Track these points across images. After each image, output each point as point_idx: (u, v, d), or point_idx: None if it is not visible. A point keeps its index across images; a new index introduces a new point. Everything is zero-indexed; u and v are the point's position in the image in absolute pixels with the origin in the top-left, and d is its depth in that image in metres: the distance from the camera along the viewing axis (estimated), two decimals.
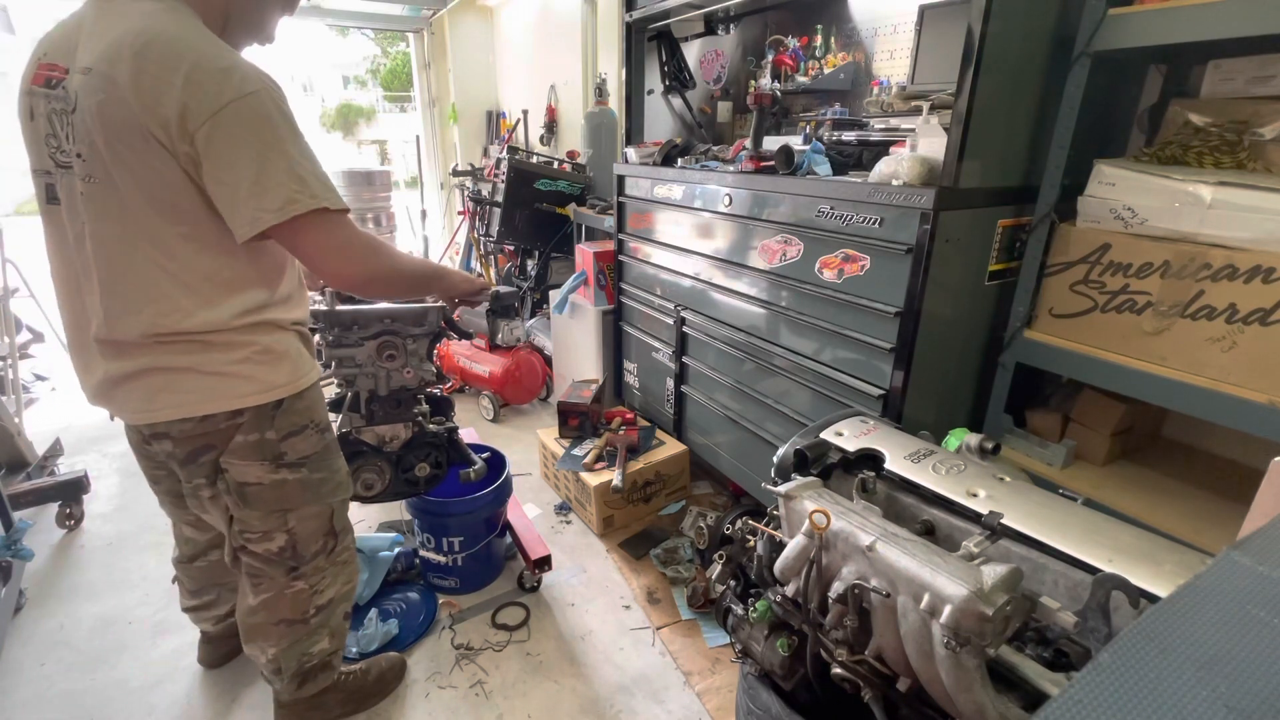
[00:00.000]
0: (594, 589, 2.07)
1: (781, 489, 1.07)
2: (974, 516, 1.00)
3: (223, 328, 1.11)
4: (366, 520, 2.44)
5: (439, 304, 1.61)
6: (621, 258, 2.71)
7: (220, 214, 1.04)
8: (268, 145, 1.00)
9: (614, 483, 2.26)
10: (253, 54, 1.16)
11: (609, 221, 2.86)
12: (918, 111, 1.78)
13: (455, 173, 4.58)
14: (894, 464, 1.13)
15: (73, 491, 2.37)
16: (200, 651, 1.75)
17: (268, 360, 1.16)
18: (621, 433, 2.48)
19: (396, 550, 2.05)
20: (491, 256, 4.43)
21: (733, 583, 1.31)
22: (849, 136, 1.92)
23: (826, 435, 1.24)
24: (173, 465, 1.23)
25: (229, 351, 1.12)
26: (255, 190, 1.00)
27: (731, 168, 2.04)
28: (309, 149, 1.06)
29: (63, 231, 1.11)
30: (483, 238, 4.13)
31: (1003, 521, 0.96)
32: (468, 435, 2.43)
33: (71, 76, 1.01)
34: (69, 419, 3.28)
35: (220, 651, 1.73)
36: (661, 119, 2.80)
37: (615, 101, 3.39)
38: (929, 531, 1.05)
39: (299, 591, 1.34)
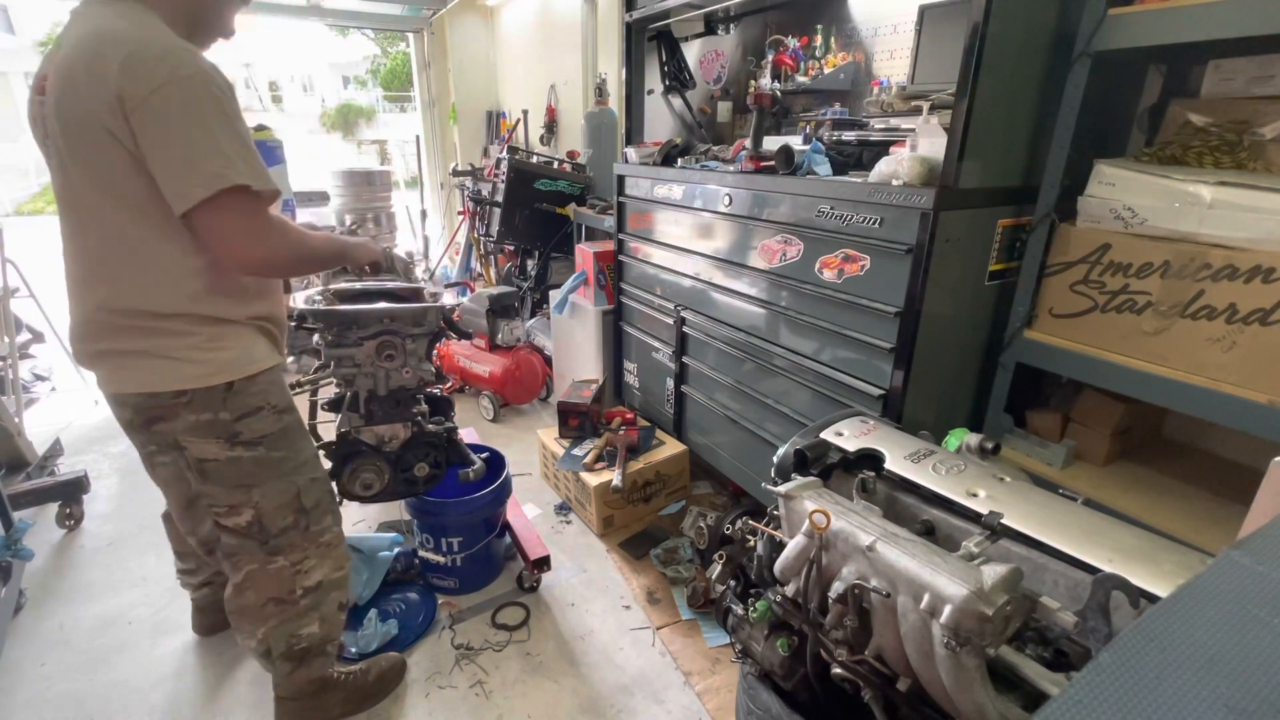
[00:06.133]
0: (594, 589, 2.07)
1: (781, 489, 1.07)
2: (974, 516, 1.00)
3: (172, 313, 1.21)
4: (366, 520, 2.44)
5: (438, 304, 1.63)
6: (621, 258, 2.71)
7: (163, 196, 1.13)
8: (196, 125, 1.08)
9: (614, 483, 2.26)
10: (235, 46, 1.22)
11: (609, 221, 2.86)
12: (918, 111, 1.78)
13: (455, 173, 4.58)
14: (894, 464, 1.13)
15: (73, 491, 2.38)
16: (193, 619, 1.86)
17: (214, 347, 1.25)
18: (621, 433, 2.48)
19: (396, 550, 2.05)
20: (491, 256, 4.44)
21: (733, 583, 1.31)
22: (849, 136, 1.92)
23: (826, 435, 1.24)
24: (130, 432, 1.34)
25: (179, 338, 1.22)
26: (185, 168, 1.08)
27: (731, 168, 2.04)
28: (242, 132, 1.14)
29: None
30: (483, 238, 4.13)
31: (1003, 521, 0.96)
32: (467, 435, 2.43)
33: (50, 80, 1.13)
34: (69, 419, 3.28)
35: (207, 620, 1.85)
36: (661, 119, 2.79)
37: (615, 101, 3.39)
38: (929, 531, 1.05)
39: (281, 568, 1.40)
